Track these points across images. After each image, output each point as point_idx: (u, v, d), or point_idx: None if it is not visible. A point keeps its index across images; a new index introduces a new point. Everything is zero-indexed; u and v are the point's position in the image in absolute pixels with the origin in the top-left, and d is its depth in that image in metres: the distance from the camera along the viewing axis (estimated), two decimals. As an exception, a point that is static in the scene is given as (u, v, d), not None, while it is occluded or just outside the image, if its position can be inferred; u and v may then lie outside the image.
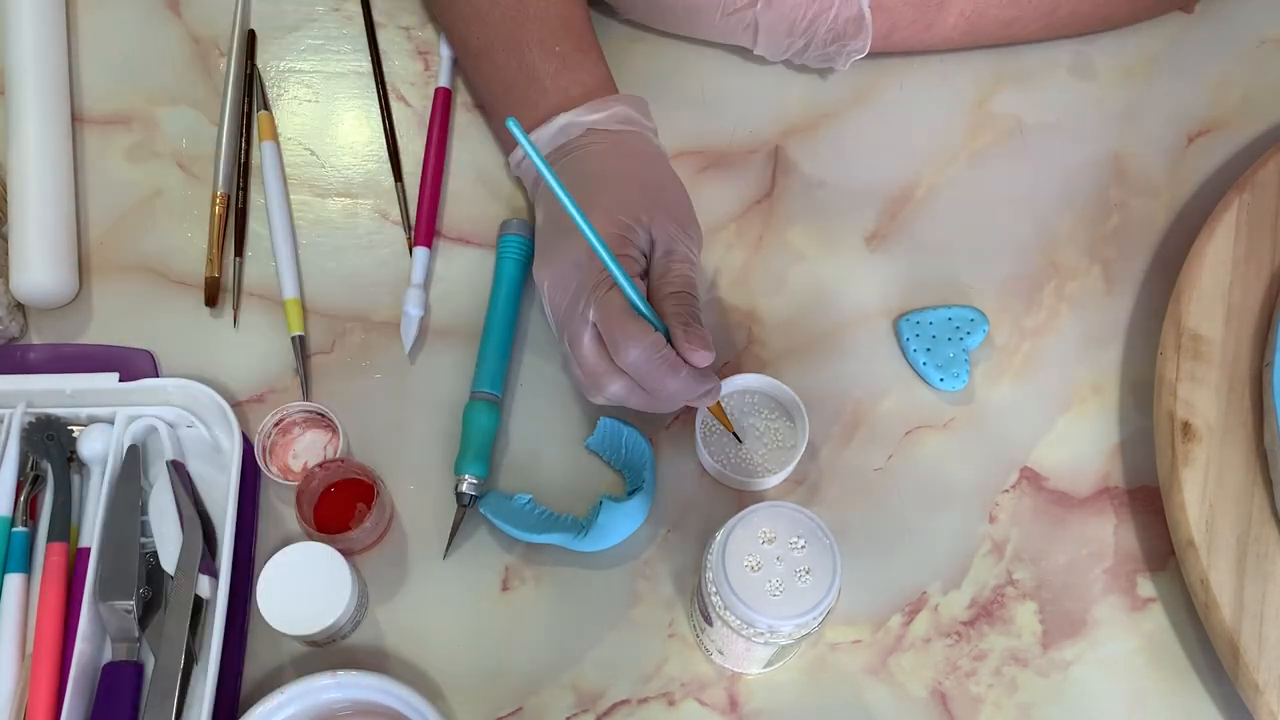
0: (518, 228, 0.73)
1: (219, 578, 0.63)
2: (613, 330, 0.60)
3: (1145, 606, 0.67)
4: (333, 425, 0.69)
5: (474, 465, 0.67)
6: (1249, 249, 0.70)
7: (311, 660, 0.66)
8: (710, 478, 0.69)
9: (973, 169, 0.77)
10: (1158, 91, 0.79)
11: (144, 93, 0.79)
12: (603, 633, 0.67)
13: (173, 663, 0.62)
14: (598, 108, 0.68)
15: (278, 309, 0.73)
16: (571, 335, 0.62)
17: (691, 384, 0.61)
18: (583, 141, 0.67)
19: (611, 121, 0.68)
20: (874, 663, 0.66)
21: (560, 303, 0.63)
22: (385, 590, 0.67)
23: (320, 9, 0.82)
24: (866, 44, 0.75)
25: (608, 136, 0.68)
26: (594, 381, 0.62)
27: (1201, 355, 0.68)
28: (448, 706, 0.65)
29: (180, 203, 0.76)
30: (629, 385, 0.62)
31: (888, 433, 0.71)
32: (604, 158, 0.67)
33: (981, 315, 0.72)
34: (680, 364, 0.60)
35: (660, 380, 0.60)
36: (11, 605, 0.64)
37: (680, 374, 0.60)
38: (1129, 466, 0.70)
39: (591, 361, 0.62)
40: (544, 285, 0.64)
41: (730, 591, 0.55)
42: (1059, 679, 0.66)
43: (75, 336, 0.73)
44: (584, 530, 0.66)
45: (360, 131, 0.78)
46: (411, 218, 0.75)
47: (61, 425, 0.68)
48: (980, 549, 0.69)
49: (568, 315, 0.63)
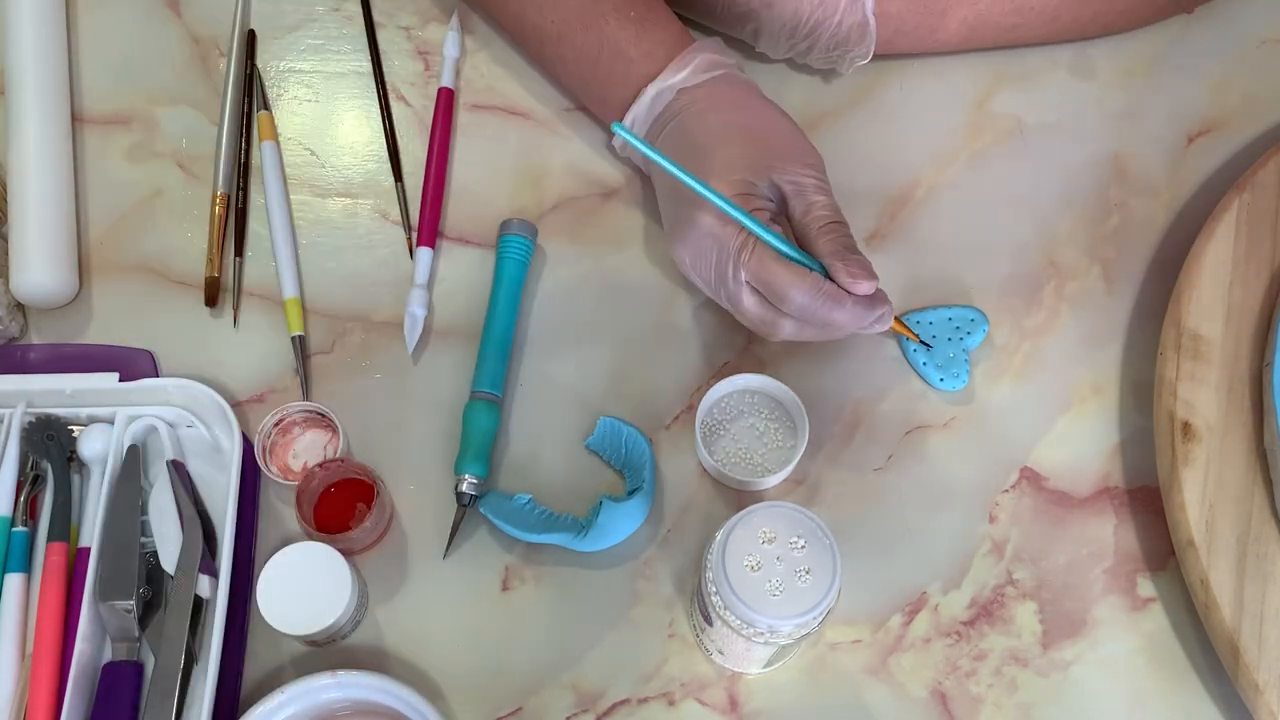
0: (518, 227, 0.73)
1: (219, 578, 0.63)
2: (769, 282, 0.61)
3: (1145, 606, 0.67)
4: (333, 425, 0.69)
5: (474, 465, 0.67)
6: (1249, 249, 0.70)
7: (311, 660, 0.66)
8: (710, 478, 0.69)
9: (973, 169, 0.77)
10: (1158, 91, 0.79)
11: (144, 93, 0.79)
12: (603, 633, 0.67)
13: (173, 663, 0.62)
14: (680, 65, 0.68)
15: (278, 309, 0.73)
16: (730, 299, 0.64)
17: (859, 312, 0.62)
18: (677, 107, 0.68)
19: (699, 74, 0.68)
20: (874, 663, 0.66)
21: (707, 273, 0.64)
22: (385, 590, 0.67)
23: (320, 9, 0.82)
24: (870, 50, 0.75)
25: (699, 93, 0.68)
26: (766, 331, 0.64)
27: (1201, 355, 0.68)
28: (448, 706, 0.65)
29: (180, 203, 0.76)
30: (799, 324, 0.63)
31: (888, 433, 0.71)
32: (703, 117, 0.67)
33: (981, 315, 0.72)
34: (844, 296, 0.61)
35: (829, 315, 0.61)
36: (11, 605, 0.64)
37: (845, 305, 0.61)
38: (1129, 466, 0.70)
39: (757, 315, 0.63)
40: (684, 261, 0.65)
41: (730, 591, 0.55)
42: (1059, 679, 0.66)
43: (75, 336, 0.73)
44: (584, 530, 0.66)
45: (360, 131, 0.78)
46: (412, 218, 0.76)
47: (61, 425, 0.68)
48: (980, 549, 0.69)
49: (719, 282, 0.64)
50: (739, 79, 0.70)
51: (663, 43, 0.70)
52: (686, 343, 0.73)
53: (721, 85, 0.69)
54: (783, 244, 0.61)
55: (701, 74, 0.68)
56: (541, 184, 0.77)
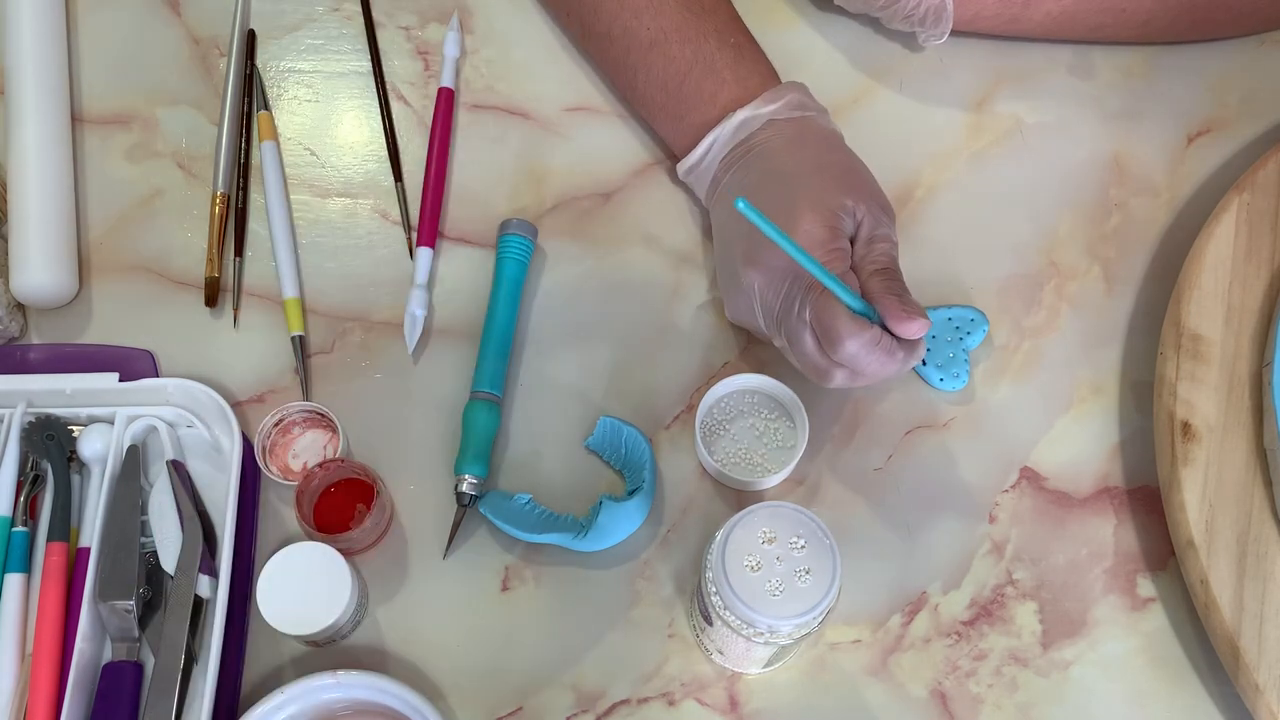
0: (518, 227, 0.73)
1: (219, 578, 0.63)
2: (829, 325, 0.61)
3: (1145, 606, 0.67)
4: (333, 425, 0.69)
5: (474, 465, 0.67)
6: (1249, 249, 0.70)
7: (311, 660, 0.66)
8: (710, 478, 0.69)
9: (973, 169, 0.77)
10: (1158, 91, 0.79)
11: (144, 93, 0.79)
12: (603, 633, 0.67)
13: (173, 663, 0.62)
14: (772, 98, 0.68)
15: (278, 309, 0.73)
16: (790, 334, 0.64)
17: (906, 361, 0.62)
18: (764, 135, 0.68)
19: (788, 110, 0.68)
20: (874, 663, 0.66)
21: (773, 304, 0.64)
22: (385, 590, 0.67)
23: (320, 9, 0.82)
24: (945, 31, 0.75)
25: (788, 126, 0.68)
26: (817, 375, 0.64)
27: (1201, 355, 0.68)
28: (448, 706, 0.65)
29: (180, 203, 0.76)
30: (849, 373, 0.63)
31: (887, 433, 0.71)
32: (791, 149, 0.67)
33: (981, 315, 0.72)
34: (895, 348, 0.61)
35: (880, 368, 0.61)
36: (11, 605, 0.64)
37: (897, 356, 0.61)
38: (1129, 466, 0.70)
39: (814, 358, 0.63)
40: (754, 286, 0.65)
41: (730, 591, 0.55)
42: (1059, 679, 0.66)
43: (75, 336, 0.73)
44: (584, 530, 0.66)
45: (360, 131, 0.78)
46: (412, 218, 0.76)
47: (61, 425, 0.68)
48: (980, 549, 0.69)
49: (783, 315, 0.64)
50: (826, 123, 0.70)
51: (758, 73, 0.70)
52: (686, 343, 0.73)
53: (810, 124, 0.69)
54: (850, 297, 0.60)
55: (793, 110, 0.68)
56: (541, 184, 0.77)
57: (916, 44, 0.79)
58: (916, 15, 0.74)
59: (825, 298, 0.61)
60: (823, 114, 0.70)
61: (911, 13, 0.74)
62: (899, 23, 0.76)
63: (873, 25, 0.80)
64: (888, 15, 0.75)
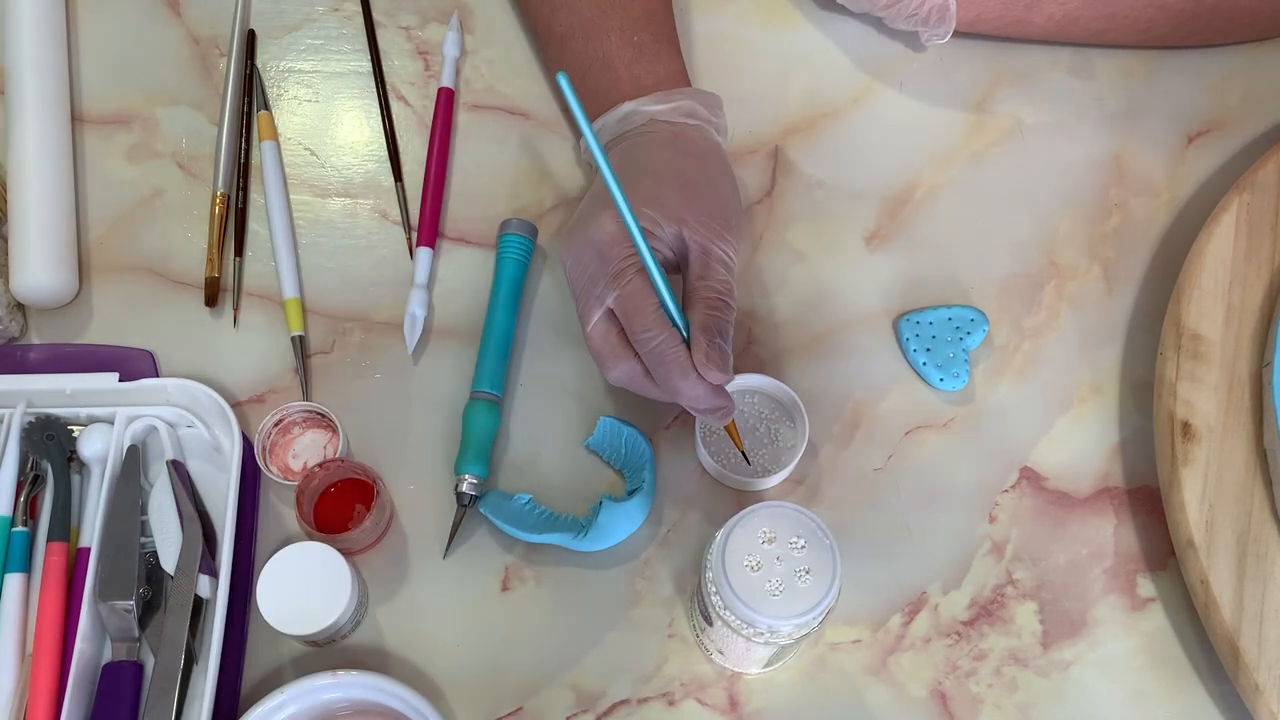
0: (518, 227, 0.73)
1: (219, 578, 0.63)
2: (631, 316, 0.60)
3: (1145, 606, 0.67)
4: (333, 425, 0.69)
5: (474, 465, 0.67)
6: (1249, 249, 0.70)
7: (311, 660, 0.66)
8: (710, 478, 0.69)
9: (973, 169, 0.77)
10: (1158, 91, 0.79)
11: (144, 93, 0.79)
12: (603, 633, 0.67)
13: (173, 663, 0.62)
14: (664, 99, 0.68)
15: (278, 309, 0.73)
16: (583, 313, 0.63)
17: (703, 393, 0.60)
18: (643, 130, 0.67)
19: (675, 114, 0.68)
20: (874, 663, 0.66)
21: (578, 281, 0.63)
22: (385, 590, 0.67)
23: (320, 9, 0.82)
24: (948, 31, 0.75)
25: (668, 128, 0.67)
26: (600, 363, 0.63)
27: (1201, 355, 0.68)
28: (448, 706, 0.65)
29: (180, 203, 0.76)
30: (633, 371, 0.62)
31: (888, 433, 0.71)
32: (656, 149, 0.66)
33: (981, 315, 0.72)
34: (690, 369, 0.60)
35: (668, 376, 0.60)
36: (11, 605, 0.64)
37: (690, 377, 0.60)
38: (1129, 466, 0.70)
39: (597, 343, 0.62)
40: (565, 261, 0.64)
41: (730, 591, 0.55)
42: (1059, 679, 0.66)
43: (75, 336, 0.73)
44: (584, 530, 0.66)
45: (360, 131, 0.78)
46: (412, 218, 0.76)
47: (61, 425, 0.68)
48: (980, 549, 0.69)
49: (584, 294, 0.63)
50: (710, 137, 0.69)
51: (654, 74, 0.69)
52: (686, 343, 0.73)
53: (691, 132, 0.68)
54: (666, 291, 0.60)
55: (681, 116, 0.68)
56: (541, 184, 0.77)
57: (917, 44, 0.79)
58: (920, 15, 0.74)
59: (637, 288, 0.60)
60: (712, 127, 0.69)
61: (915, 12, 0.74)
62: (902, 22, 0.76)
63: (874, 25, 0.80)
64: (891, 15, 0.75)
